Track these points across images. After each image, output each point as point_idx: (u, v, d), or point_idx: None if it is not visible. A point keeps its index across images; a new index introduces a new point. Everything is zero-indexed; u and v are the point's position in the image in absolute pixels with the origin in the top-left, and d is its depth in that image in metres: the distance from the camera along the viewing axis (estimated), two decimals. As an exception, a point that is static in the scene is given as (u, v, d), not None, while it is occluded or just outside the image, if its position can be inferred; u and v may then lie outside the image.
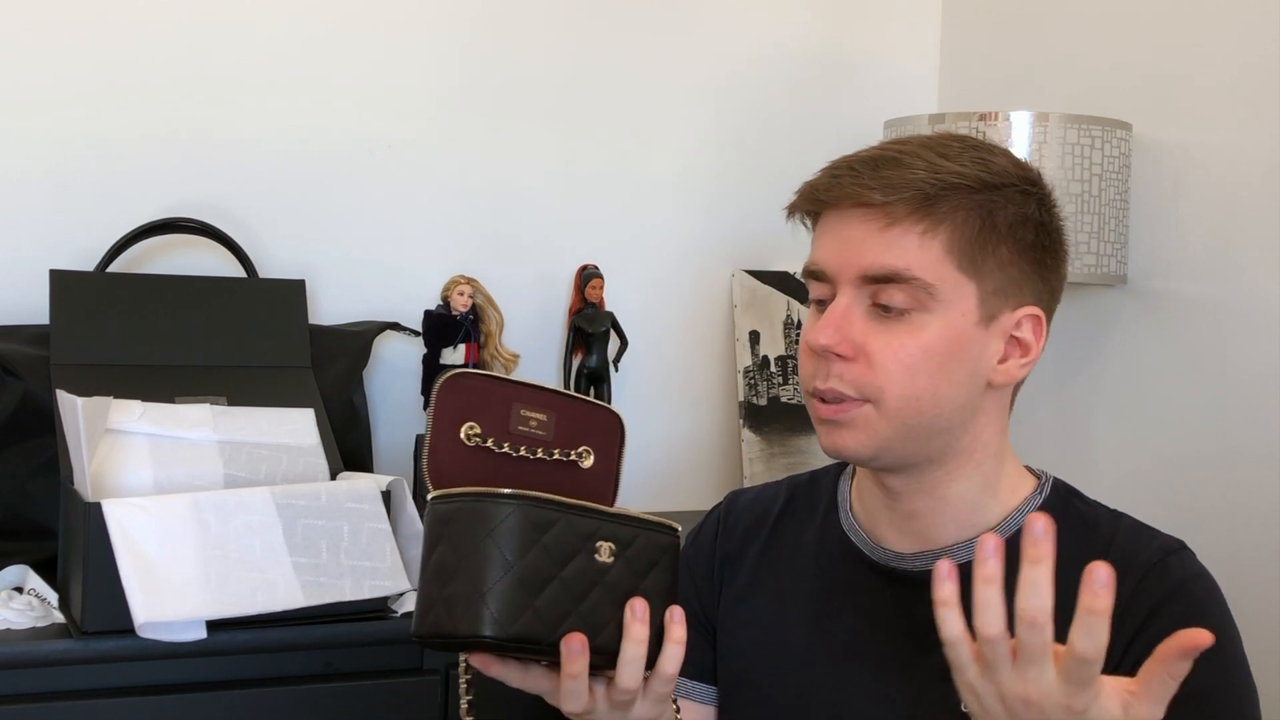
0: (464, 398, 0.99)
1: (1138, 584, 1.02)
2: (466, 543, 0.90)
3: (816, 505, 1.19)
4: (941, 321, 1.03)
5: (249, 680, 1.37)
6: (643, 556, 0.95)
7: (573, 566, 0.91)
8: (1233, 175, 1.80)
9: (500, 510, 0.90)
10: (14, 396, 1.57)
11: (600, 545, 0.93)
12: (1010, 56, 2.17)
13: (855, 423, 1.04)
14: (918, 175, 1.02)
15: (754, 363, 2.11)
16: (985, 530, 1.08)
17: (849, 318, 1.03)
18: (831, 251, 1.05)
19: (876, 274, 1.02)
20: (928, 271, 1.02)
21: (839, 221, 1.05)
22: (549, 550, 0.91)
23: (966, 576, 1.08)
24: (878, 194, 1.02)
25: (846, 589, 1.12)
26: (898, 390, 1.02)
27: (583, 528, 0.93)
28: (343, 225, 1.93)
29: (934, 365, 1.03)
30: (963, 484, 1.07)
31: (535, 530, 0.91)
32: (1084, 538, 1.07)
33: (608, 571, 0.93)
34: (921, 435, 1.04)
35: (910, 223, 1.02)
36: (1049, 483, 1.12)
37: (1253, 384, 1.76)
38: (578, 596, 0.91)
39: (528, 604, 0.89)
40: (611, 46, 2.08)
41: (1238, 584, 1.20)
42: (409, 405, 1.92)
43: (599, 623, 0.91)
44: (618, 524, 0.95)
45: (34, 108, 1.77)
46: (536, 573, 0.90)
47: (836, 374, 1.03)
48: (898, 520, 1.10)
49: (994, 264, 1.04)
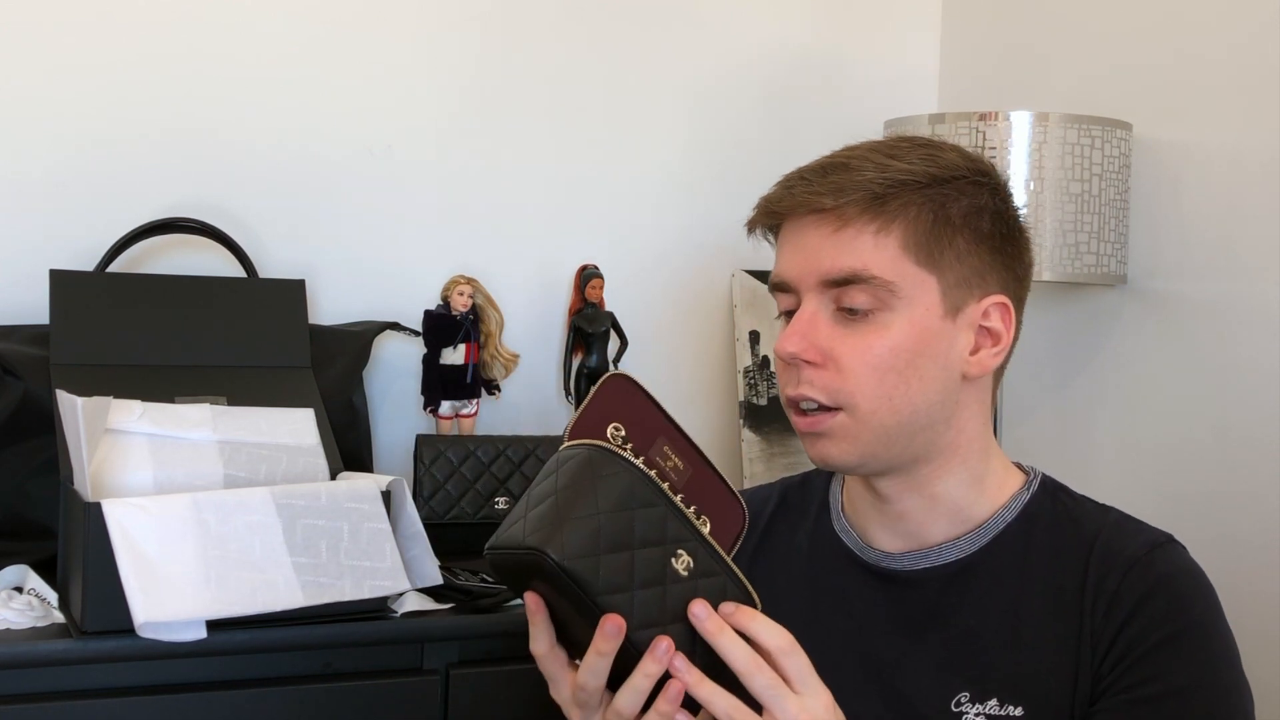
0: (622, 401, 0.99)
1: (1122, 578, 1.02)
2: (571, 481, 0.91)
3: (809, 506, 1.19)
4: (905, 319, 1.03)
5: (249, 680, 1.37)
6: (711, 595, 0.93)
7: (648, 554, 0.91)
8: (1233, 175, 1.80)
9: (615, 465, 0.92)
10: (14, 396, 1.57)
11: (681, 555, 0.93)
12: (1010, 56, 2.17)
13: (834, 433, 1.05)
14: (866, 176, 1.03)
15: (754, 363, 2.11)
16: (975, 526, 1.08)
17: (815, 324, 1.04)
18: (791, 261, 1.07)
19: (836, 277, 1.03)
20: (886, 270, 1.03)
21: (795, 231, 1.07)
22: (636, 525, 0.91)
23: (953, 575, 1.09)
24: (828, 198, 1.03)
25: (838, 589, 1.12)
26: (868, 392, 1.03)
27: (674, 529, 0.93)
28: (343, 225, 1.93)
29: (902, 363, 1.03)
30: (950, 480, 1.08)
31: (634, 500, 0.91)
32: (1072, 532, 1.07)
33: (677, 583, 0.92)
34: (902, 436, 1.05)
35: (862, 223, 1.03)
36: (1037, 479, 1.12)
37: (1253, 384, 1.76)
38: (641, 583, 0.91)
39: (595, 551, 0.89)
40: (611, 46, 2.08)
41: (1237, 582, 1.20)
42: (409, 405, 1.92)
43: (646, 619, 0.91)
44: (707, 552, 0.94)
45: (34, 108, 1.77)
46: (615, 533, 0.90)
47: (807, 380, 1.05)
48: (888, 522, 1.10)
49: (952, 256, 1.05)
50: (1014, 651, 1.04)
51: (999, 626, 1.05)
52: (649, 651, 0.89)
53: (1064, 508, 1.09)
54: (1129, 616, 1.01)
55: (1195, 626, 1.01)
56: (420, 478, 1.77)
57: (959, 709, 1.03)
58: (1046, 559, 1.07)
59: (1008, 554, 1.08)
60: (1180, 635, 1.00)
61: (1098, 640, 1.02)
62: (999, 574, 1.07)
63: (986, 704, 1.03)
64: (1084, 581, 1.03)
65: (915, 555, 1.09)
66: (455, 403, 1.84)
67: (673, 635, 0.91)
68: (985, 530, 1.08)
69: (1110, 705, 0.99)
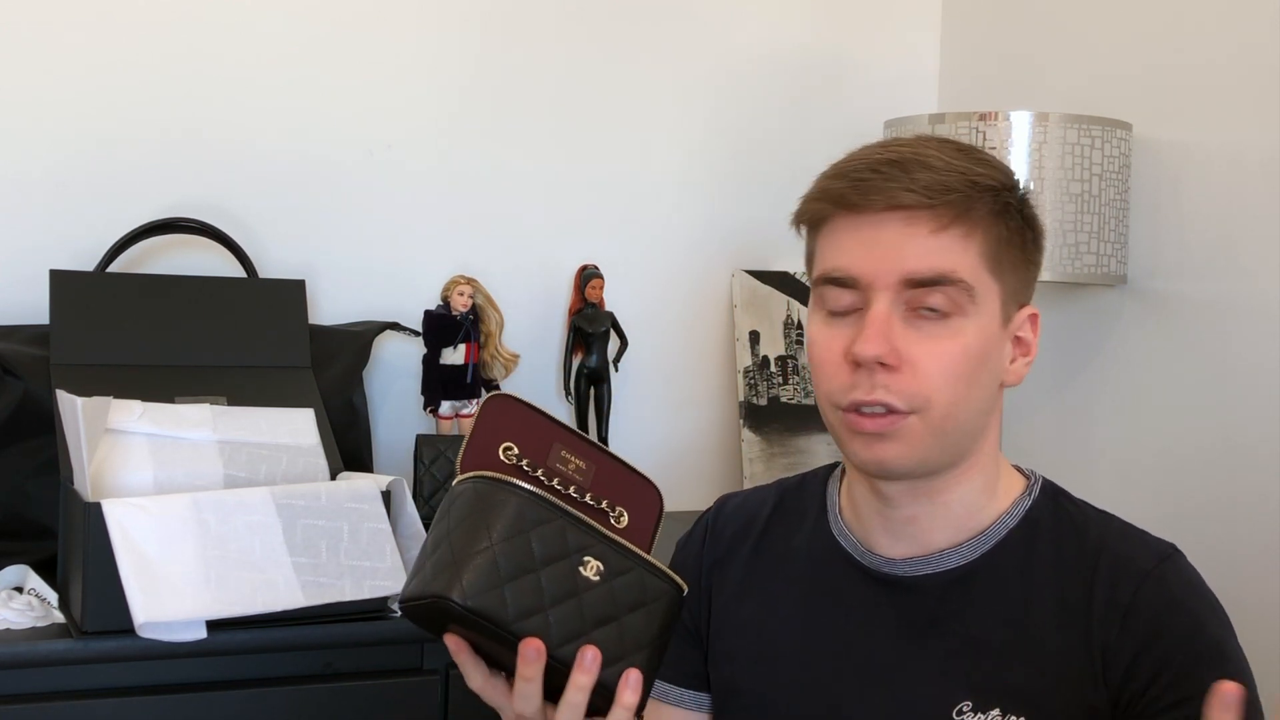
0: (506, 419, 1.00)
1: (1135, 591, 1.01)
2: (463, 520, 0.92)
3: (806, 509, 1.18)
4: (976, 325, 1.02)
5: (249, 680, 1.37)
6: (630, 591, 0.94)
7: (554, 569, 0.92)
8: (1233, 175, 1.80)
9: (501, 491, 0.93)
10: (14, 396, 1.57)
11: (588, 561, 0.93)
12: (1010, 56, 2.17)
13: (901, 436, 1.01)
14: (952, 178, 1.01)
15: (754, 363, 2.11)
16: (978, 533, 1.07)
17: (890, 326, 1.01)
18: (861, 257, 1.02)
19: (923, 278, 1.01)
20: (970, 274, 1.01)
21: (870, 227, 1.02)
22: (534, 545, 0.92)
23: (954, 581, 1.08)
24: (921, 196, 1.00)
25: (837, 593, 1.11)
26: (943, 398, 1.01)
27: (574, 538, 0.93)
28: (343, 225, 1.93)
29: (970, 369, 1.02)
30: (966, 488, 1.07)
31: (526, 522, 0.92)
32: (1075, 539, 1.06)
33: (590, 589, 0.93)
34: (954, 443, 1.04)
35: (956, 226, 1.01)
36: (1038, 483, 1.11)
37: (1253, 383, 1.75)
38: (551, 600, 0.91)
39: (499, 586, 0.90)
40: (611, 47, 2.08)
41: (1237, 583, 1.20)
42: (409, 405, 1.92)
43: (567, 634, 0.91)
44: (614, 551, 0.95)
45: (34, 108, 1.77)
46: (514, 560, 0.91)
47: (882, 385, 1.01)
48: (893, 526, 1.09)
49: (1009, 266, 1.04)
50: (1018, 660, 1.03)
51: (1002, 634, 1.04)
52: (577, 664, 0.91)
53: (1066, 514, 1.09)
54: (1151, 634, 1.00)
55: (1220, 643, 1.01)
56: (420, 478, 1.77)
57: (961, 717, 1.03)
58: (1050, 567, 1.06)
59: (1010, 560, 1.07)
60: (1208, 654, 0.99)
61: (1113, 654, 1.01)
62: (1001, 581, 1.06)
63: (989, 713, 1.02)
64: (1091, 592, 1.03)
65: (917, 561, 1.08)
66: (455, 403, 1.84)
67: (599, 640, 0.92)
68: (988, 536, 1.07)
69: None
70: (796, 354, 2.13)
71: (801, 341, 2.14)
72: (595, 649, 0.91)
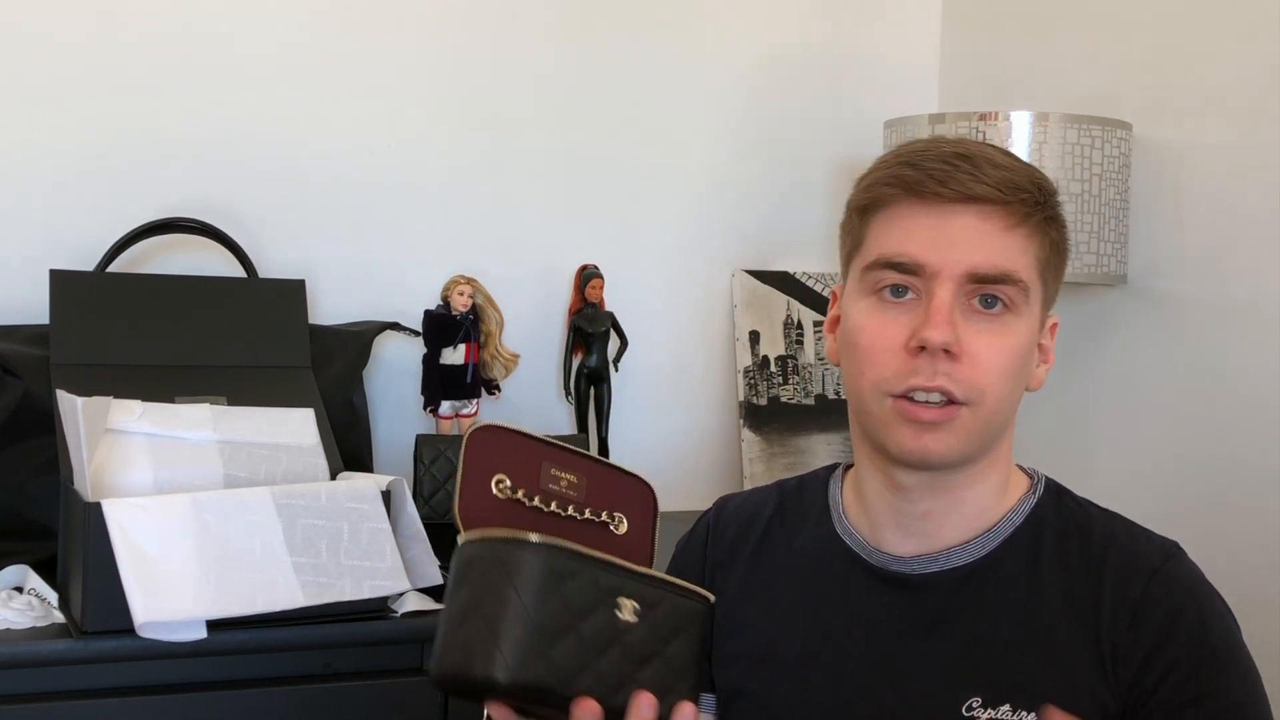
0: (492, 451, 0.97)
1: (1144, 588, 1.02)
2: (487, 586, 0.88)
3: (808, 510, 1.18)
4: (1026, 325, 1.04)
5: (249, 680, 1.37)
6: (668, 621, 0.92)
7: (592, 621, 0.89)
8: (1233, 175, 1.80)
9: (524, 556, 0.89)
10: (14, 396, 1.57)
11: (623, 603, 0.91)
12: (1010, 56, 2.17)
13: (953, 426, 1.02)
14: (1023, 179, 1.03)
15: (754, 363, 2.11)
16: (985, 530, 1.08)
17: (953, 316, 1.01)
18: (929, 245, 1.02)
19: (990, 273, 1.02)
20: (1027, 274, 1.03)
21: (939, 216, 1.03)
22: (569, 601, 0.88)
23: (963, 579, 1.08)
24: (998, 192, 1.02)
25: (842, 593, 1.11)
26: (995, 392, 1.02)
27: (606, 582, 0.90)
28: (343, 225, 1.93)
29: (1017, 368, 1.04)
30: (982, 485, 1.08)
31: (556, 579, 0.88)
32: (1080, 536, 1.07)
33: (630, 631, 0.90)
34: (988, 439, 1.05)
35: (1025, 226, 1.03)
36: (1041, 482, 1.12)
37: (1252, 383, 1.76)
38: (595, 652, 0.88)
39: (542, 653, 0.87)
40: (611, 47, 2.08)
41: (1236, 582, 1.20)
42: (409, 405, 1.92)
43: (615, 682, 0.89)
44: (645, 584, 0.92)
45: (34, 108, 1.77)
46: (554, 623, 0.87)
47: (944, 372, 1.01)
48: (906, 521, 1.09)
49: (1053, 272, 1.07)
50: (1027, 656, 1.03)
51: (1010, 631, 1.05)
52: (634, 713, 0.89)
53: (1070, 512, 1.09)
54: (1162, 633, 1.01)
55: (1228, 642, 1.02)
56: (420, 478, 1.77)
57: (970, 713, 1.02)
58: (1056, 564, 1.06)
59: (1017, 558, 1.07)
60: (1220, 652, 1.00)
61: (1123, 651, 1.01)
62: (1009, 578, 1.07)
63: (999, 709, 1.02)
64: (1099, 588, 1.03)
65: (925, 559, 1.08)
66: (455, 403, 1.84)
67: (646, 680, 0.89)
68: (995, 533, 1.08)
69: None
70: (796, 354, 2.13)
71: (802, 341, 2.14)
72: (649, 695, 0.89)
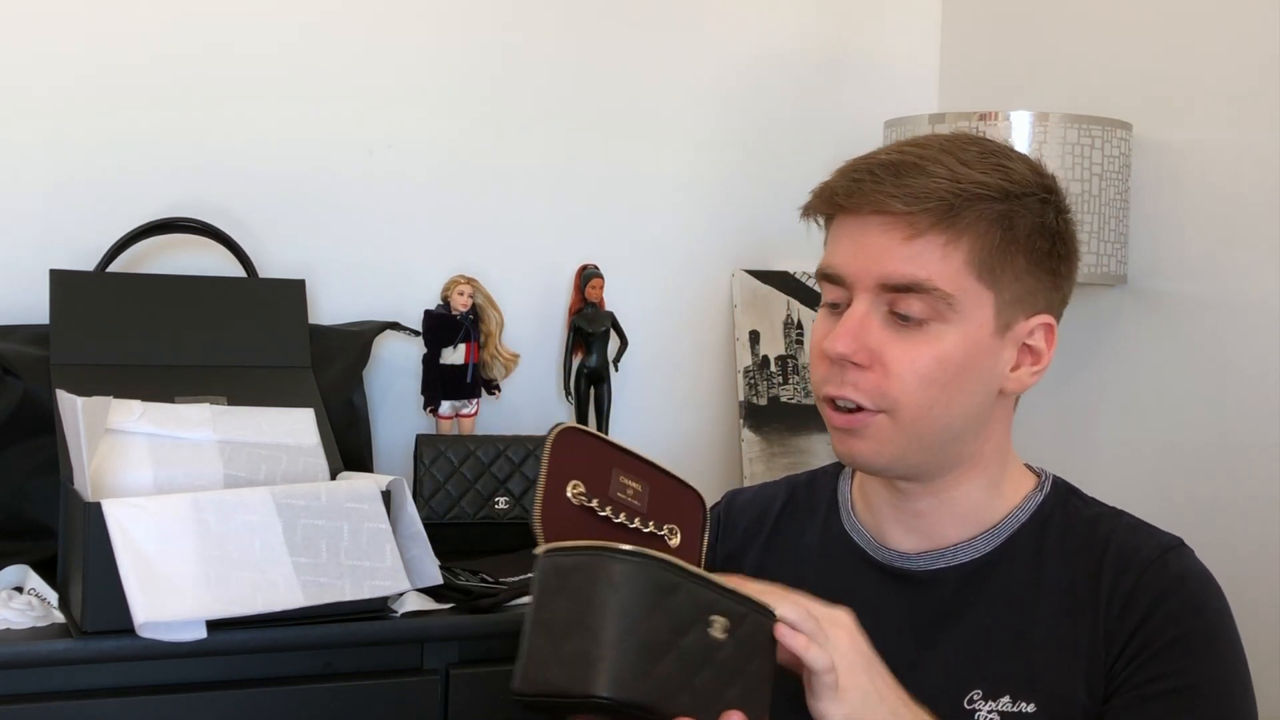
0: (574, 455, 0.96)
1: (1137, 580, 1.03)
2: (587, 598, 0.86)
3: (817, 505, 1.19)
4: (959, 332, 1.02)
5: (249, 680, 1.37)
6: (751, 639, 0.90)
7: (690, 641, 0.87)
8: (1233, 175, 1.80)
9: (624, 567, 0.86)
10: (14, 396, 1.57)
11: (715, 620, 0.88)
12: (1010, 56, 2.17)
13: (870, 434, 1.04)
14: (940, 185, 1.01)
15: (754, 363, 2.11)
16: (989, 527, 1.09)
17: (866, 325, 1.03)
18: (849, 257, 1.04)
19: (897, 283, 1.02)
20: (948, 282, 1.02)
21: (858, 227, 1.04)
22: (670, 616, 0.86)
23: (968, 575, 1.09)
24: (899, 203, 1.01)
25: (849, 588, 1.12)
26: (912, 400, 1.02)
27: (701, 598, 0.88)
28: (343, 225, 1.93)
29: (949, 375, 1.03)
30: (970, 486, 1.08)
31: (659, 593, 0.86)
32: (1084, 534, 1.07)
33: (719, 649, 0.88)
34: (935, 445, 1.05)
35: (934, 234, 1.01)
36: (1049, 480, 1.12)
37: (1252, 383, 1.76)
38: (692, 671, 0.86)
39: (648, 670, 0.84)
40: (611, 47, 2.08)
41: (1238, 582, 1.20)
42: (409, 405, 1.92)
43: (707, 701, 0.86)
44: (732, 600, 0.89)
45: (34, 108, 1.77)
46: (657, 638, 0.85)
47: (851, 382, 1.03)
48: (904, 519, 1.10)
49: (1011, 275, 1.04)
50: (1026, 649, 1.04)
51: (1012, 625, 1.05)
52: None
53: (1076, 510, 1.10)
54: (1144, 616, 1.02)
55: (1208, 627, 1.02)
56: (420, 478, 1.77)
57: (971, 706, 1.03)
58: (1059, 559, 1.07)
59: (1021, 554, 1.08)
60: (1193, 635, 1.01)
61: (1112, 639, 1.02)
62: (1013, 574, 1.07)
63: (999, 701, 1.03)
64: (1098, 583, 1.04)
65: (931, 555, 1.09)
66: (455, 403, 1.84)
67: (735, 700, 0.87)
68: (999, 530, 1.09)
69: (1123, 702, 1.00)
70: (796, 354, 2.13)
71: (802, 341, 2.14)
72: (741, 715, 0.87)
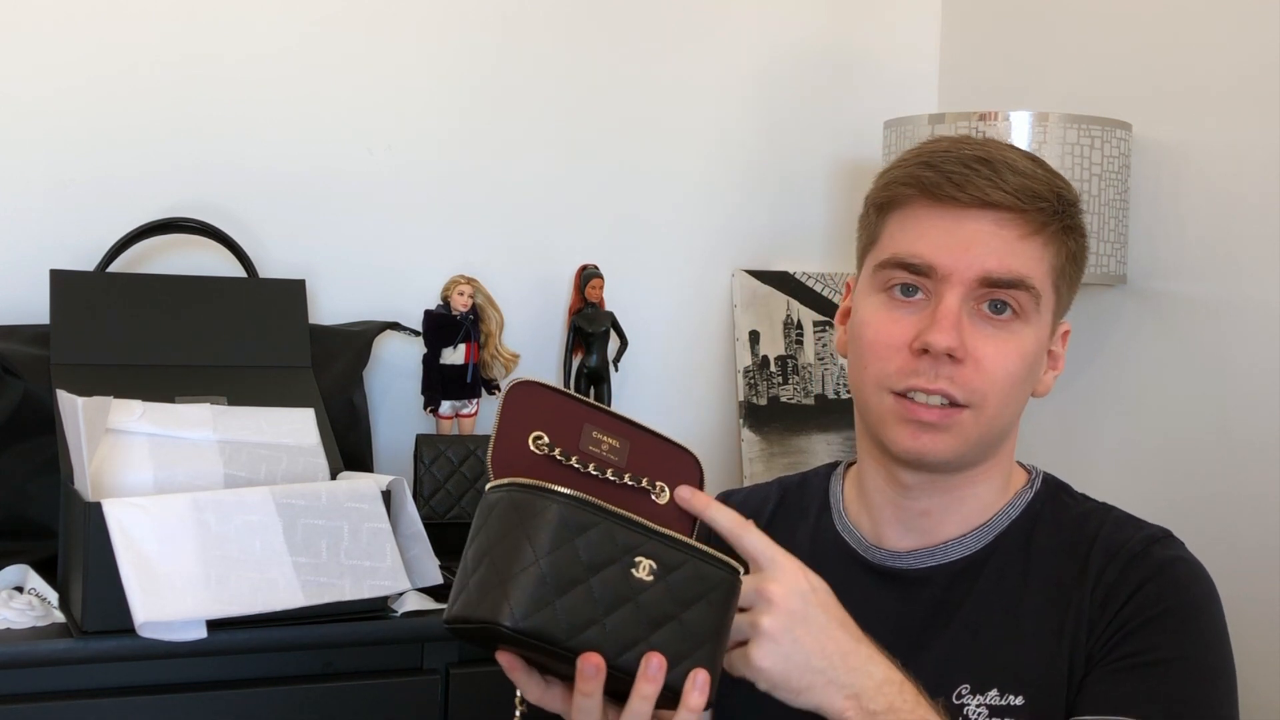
0: (531, 409, 0.95)
1: (1121, 570, 1.04)
2: (501, 531, 0.88)
3: (809, 506, 1.19)
4: (1034, 333, 1.05)
5: (249, 680, 1.37)
6: (689, 586, 0.89)
7: (604, 575, 0.87)
8: (1233, 175, 1.80)
9: (541, 504, 0.87)
10: (14, 396, 1.57)
11: (640, 561, 0.88)
12: (1010, 56, 2.17)
13: (952, 428, 1.03)
14: (1041, 186, 1.03)
15: (754, 363, 2.11)
16: (982, 524, 1.09)
17: (960, 320, 1.03)
18: (945, 248, 1.03)
19: (1003, 279, 1.03)
20: (1041, 283, 1.04)
21: (955, 218, 1.04)
22: (581, 553, 0.87)
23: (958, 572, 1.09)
24: (1016, 199, 1.02)
25: (841, 588, 1.12)
26: (998, 397, 1.03)
27: (624, 539, 0.88)
28: (343, 225, 1.93)
29: (1024, 374, 1.05)
30: (983, 486, 1.09)
31: (570, 530, 0.87)
32: (1073, 528, 1.08)
33: (644, 590, 0.88)
34: (992, 441, 1.07)
35: (1043, 234, 1.04)
36: (1039, 477, 1.14)
37: (1252, 383, 1.76)
38: (605, 607, 0.87)
39: (548, 600, 0.85)
40: (612, 48, 2.08)
41: (1238, 580, 1.21)
42: (409, 405, 1.91)
43: (625, 640, 0.87)
44: (666, 545, 0.90)
45: (34, 108, 1.77)
46: (562, 572, 0.86)
47: (947, 376, 1.02)
48: (906, 518, 1.10)
49: (1067, 281, 1.08)
50: (1014, 643, 1.05)
51: (1000, 619, 1.06)
52: (641, 673, 0.87)
53: (1065, 505, 1.11)
54: (1125, 601, 1.03)
55: (1185, 608, 1.02)
56: (420, 477, 1.77)
57: (960, 700, 1.04)
58: (1048, 554, 1.07)
59: (1011, 550, 1.08)
60: (1169, 614, 1.02)
61: (1093, 626, 1.03)
62: (1002, 570, 1.08)
63: (987, 694, 1.03)
64: (1084, 575, 1.05)
65: (921, 554, 1.09)
66: (455, 402, 1.84)
67: (659, 643, 0.88)
68: (991, 527, 1.09)
69: (1095, 676, 1.01)
70: (796, 354, 2.13)
71: (801, 341, 2.14)
72: (660, 656, 0.87)
